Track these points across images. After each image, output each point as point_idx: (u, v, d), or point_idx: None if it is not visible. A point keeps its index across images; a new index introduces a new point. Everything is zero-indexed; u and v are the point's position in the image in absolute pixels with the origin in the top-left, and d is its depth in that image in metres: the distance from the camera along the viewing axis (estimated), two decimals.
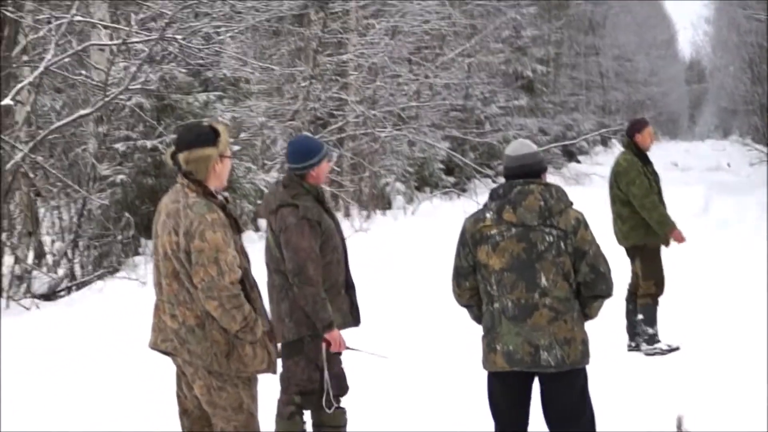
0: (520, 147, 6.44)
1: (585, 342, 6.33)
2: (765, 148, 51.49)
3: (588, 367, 6.37)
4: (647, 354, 10.65)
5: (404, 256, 17.01)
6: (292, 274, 6.73)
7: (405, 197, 25.07)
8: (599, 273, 6.29)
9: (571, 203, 6.35)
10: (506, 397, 6.41)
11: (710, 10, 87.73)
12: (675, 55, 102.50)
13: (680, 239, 10.82)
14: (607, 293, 6.39)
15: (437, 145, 26.08)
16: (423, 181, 27.15)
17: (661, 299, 10.87)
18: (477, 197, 23.61)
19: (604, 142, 52.03)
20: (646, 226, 10.73)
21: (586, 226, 6.31)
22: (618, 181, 10.82)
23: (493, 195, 6.36)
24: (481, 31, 29.41)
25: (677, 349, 10.71)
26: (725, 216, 24.14)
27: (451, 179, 28.21)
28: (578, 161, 41.63)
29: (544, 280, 6.20)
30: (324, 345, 6.81)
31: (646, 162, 10.97)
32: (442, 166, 27.75)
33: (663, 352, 10.68)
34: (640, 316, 10.78)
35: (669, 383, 9.26)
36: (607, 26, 54.74)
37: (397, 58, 23.91)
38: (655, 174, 11.02)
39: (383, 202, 24.18)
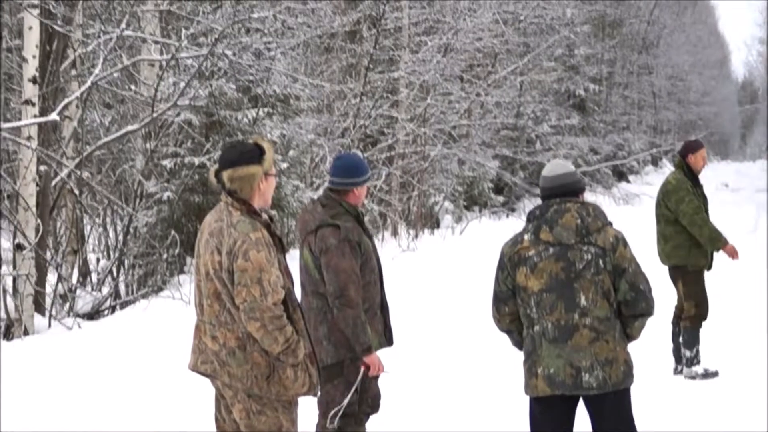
0: (556, 167, 6.41)
1: (627, 362, 6.22)
2: None
3: (633, 389, 6.27)
4: (686, 377, 10.50)
5: (451, 276, 16.82)
6: (333, 296, 6.63)
7: (453, 216, 24.88)
8: (639, 291, 6.19)
9: (610, 222, 6.27)
10: (549, 422, 6.29)
11: (764, 30, 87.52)
12: (728, 76, 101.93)
13: (734, 254, 10.70)
14: (648, 312, 6.26)
15: (487, 163, 25.89)
16: (472, 200, 26.95)
17: (705, 322, 10.66)
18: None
19: (655, 162, 51.68)
20: (689, 247, 10.61)
21: (625, 243, 6.25)
22: (666, 200, 10.73)
23: (530, 216, 6.33)
24: (533, 50, 29.14)
25: (715, 374, 10.54)
26: None
27: (501, 198, 28.03)
28: (628, 181, 41.34)
29: (583, 300, 6.12)
30: (363, 368, 6.70)
31: (696, 183, 10.86)
32: (491, 185, 27.53)
33: (700, 377, 10.51)
34: (681, 339, 10.67)
35: (713, 410, 9.08)
36: (661, 45, 54.28)
37: (449, 76, 23.72)
38: (704, 197, 10.90)
39: (431, 221, 23.97)
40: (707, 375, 10.58)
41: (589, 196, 33.98)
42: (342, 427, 6.85)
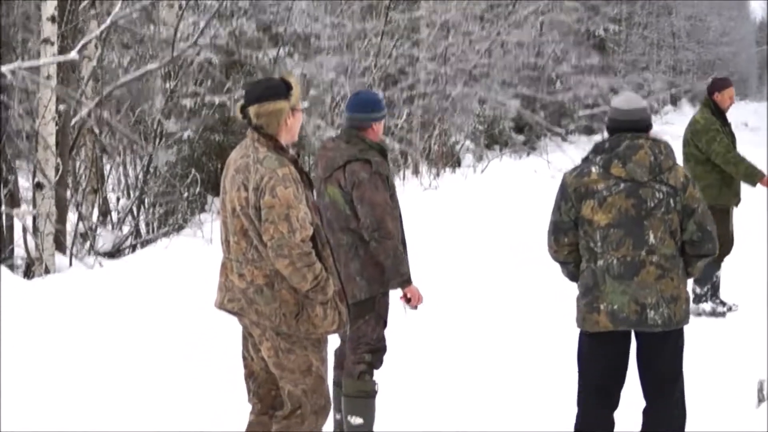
0: (630, 100, 6.32)
1: (688, 301, 6.22)
2: None
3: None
4: (693, 314, 10.40)
5: (473, 215, 16.83)
6: (371, 229, 6.66)
7: (474, 155, 24.77)
8: (707, 232, 6.17)
9: (676, 160, 6.20)
10: (604, 358, 6.23)
11: None
12: (746, 17, 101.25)
13: None
14: (713, 252, 6.26)
15: (508, 102, 25.69)
16: (492, 140, 26.81)
17: (727, 261, 10.81)
18: (547, 155, 23.31)
19: (674, 101, 51.41)
20: (719, 186, 10.63)
21: (695, 183, 6.23)
22: (696, 140, 10.71)
23: (598, 149, 6.23)
24: None
25: (723, 314, 10.76)
26: None
27: (521, 137, 27.88)
28: None
29: (652, 238, 6.06)
30: (402, 300, 6.76)
31: (725, 122, 10.85)
32: (512, 124, 27.39)
33: (707, 314, 10.73)
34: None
35: (752, 347, 9.06)
36: None
37: (470, 15, 23.51)
38: (732, 135, 10.90)
39: (452, 160, 23.84)
40: (715, 313, 10.79)
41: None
42: (374, 363, 6.89)
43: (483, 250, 13.63)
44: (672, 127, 36.67)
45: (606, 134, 6.38)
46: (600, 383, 6.25)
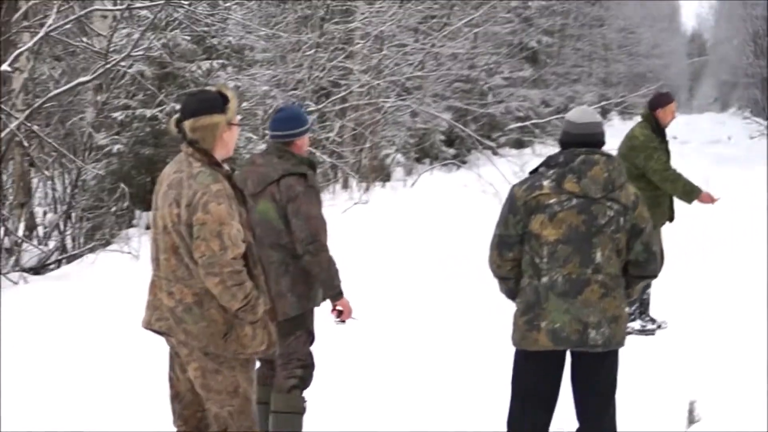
0: (585, 114, 6.22)
1: (626, 321, 6.16)
2: (765, 122, 51.53)
3: None
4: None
5: (403, 229, 16.81)
6: (306, 242, 6.63)
7: (404, 169, 24.79)
8: (652, 253, 6.13)
9: (626, 178, 6.14)
10: (540, 378, 6.14)
11: None
12: (677, 28, 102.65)
13: (711, 200, 10.72)
14: (656, 274, 6.27)
15: (440, 115, 25.70)
16: (423, 153, 26.86)
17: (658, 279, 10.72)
18: (478, 169, 23.37)
19: (604, 114, 51.78)
20: (649, 205, 10.24)
21: (644, 202, 6.13)
22: (632, 155, 10.50)
23: (551, 162, 6.09)
24: (489, 1, 28.94)
25: (653, 332, 10.72)
26: (726, 189, 24.13)
27: (452, 151, 27.93)
28: None
29: (599, 256, 5.97)
30: (334, 313, 6.77)
31: (662, 137, 10.72)
32: (443, 137, 27.41)
33: (636, 332, 10.57)
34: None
35: (683, 367, 9.09)
36: None
37: (405, 27, 23.48)
38: (668, 151, 10.77)
39: (383, 174, 23.83)
40: (644, 331, 10.71)
41: (540, 149, 34.26)
42: (305, 378, 6.89)
43: (413, 265, 13.64)
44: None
45: (535, 147, 6.24)
46: (536, 402, 6.17)
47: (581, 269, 5.95)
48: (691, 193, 10.59)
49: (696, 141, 43.28)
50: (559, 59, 40.79)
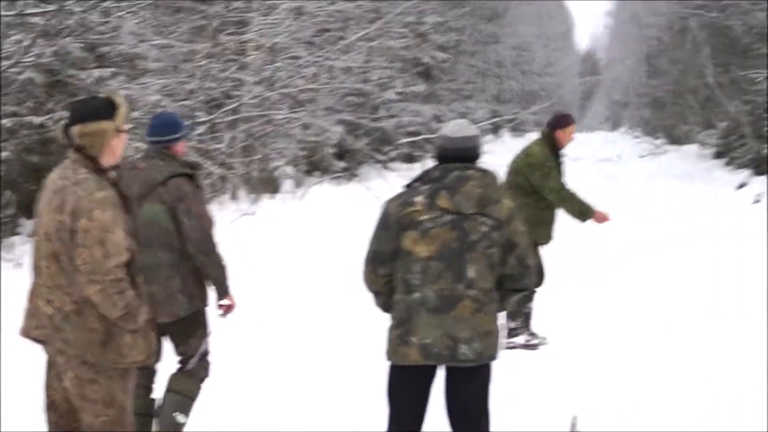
0: (460, 128, 6.17)
1: (499, 336, 6.13)
2: (655, 141, 52.53)
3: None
4: (506, 347, 10.38)
5: (291, 241, 16.86)
6: (198, 242, 6.77)
7: (294, 181, 24.85)
8: (526, 266, 6.11)
9: (501, 192, 6.12)
10: (411, 391, 6.13)
11: (611, 3, 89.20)
12: (571, 47, 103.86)
13: (605, 218, 10.78)
14: (531, 287, 6.30)
15: (332, 128, 25.82)
16: (313, 166, 26.91)
17: (539, 294, 10.79)
18: (368, 183, 23.54)
19: (495, 130, 52.29)
20: (535, 223, 10.41)
21: (519, 217, 6.09)
22: (528, 171, 10.59)
23: (425, 178, 6.08)
24: (384, 15, 29.11)
25: (536, 346, 10.69)
26: (616, 208, 24.62)
27: (342, 164, 28.01)
28: None
29: (471, 272, 5.94)
30: (223, 309, 7.01)
31: (558, 157, 10.79)
32: (334, 150, 27.51)
33: (521, 347, 10.63)
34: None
35: (565, 382, 9.19)
36: (508, 16, 54.96)
37: (299, 40, 23.56)
38: (562, 173, 10.87)
39: (272, 186, 23.87)
40: (528, 345, 10.70)
41: (431, 164, 34.33)
42: (203, 372, 7.14)
43: (301, 277, 13.72)
44: (493, 156, 37.48)
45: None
46: (408, 416, 6.15)
47: (453, 285, 5.93)
48: (586, 212, 10.66)
49: (587, 159, 43.91)
50: (453, 75, 41.04)
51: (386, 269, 6.10)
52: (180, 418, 7.03)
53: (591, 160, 42.68)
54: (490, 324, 6.01)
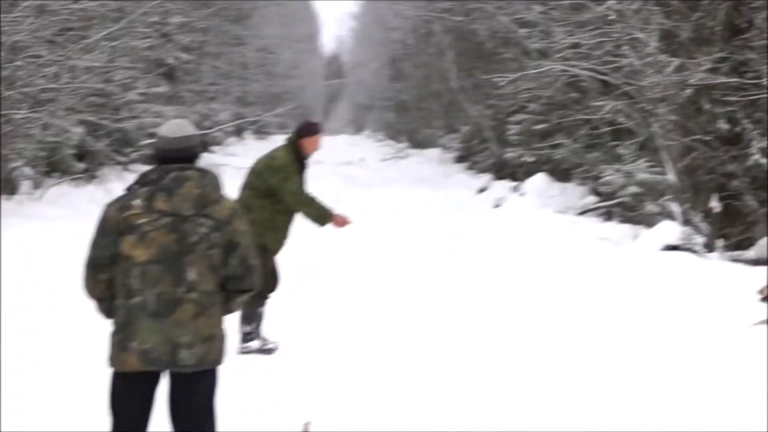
0: (177, 128, 6.15)
1: (224, 339, 6.13)
2: (398, 145, 53.58)
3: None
4: (240, 352, 10.60)
5: (30, 244, 16.58)
6: None
7: (32, 182, 24.43)
8: (249, 267, 6.13)
9: (224, 192, 6.15)
10: (132, 398, 6.04)
11: (357, 5, 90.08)
12: (316, 50, 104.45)
13: (345, 222, 10.93)
14: (255, 288, 6.23)
15: (73, 129, 25.47)
16: (53, 167, 26.47)
17: (272, 298, 10.92)
18: (108, 184, 23.40)
19: (238, 132, 52.33)
20: (266, 227, 10.63)
21: (240, 216, 6.14)
22: (269, 174, 10.67)
23: (143, 180, 6.03)
24: (128, 15, 28.83)
25: (271, 350, 10.78)
26: (356, 211, 25.22)
27: (82, 165, 27.63)
28: (212, 151, 41.68)
29: (192, 274, 5.92)
30: None
31: (303, 164, 10.88)
32: (74, 151, 27.12)
33: (255, 351, 10.71)
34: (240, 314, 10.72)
35: (298, 387, 9.26)
36: (255, 17, 54.98)
37: (40, 38, 23.17)
38: (305, 180, 10.97)
39: (10, 187, 23.42)
40: (263, 350, 10.78)
41: None
42: None
43: (43, 283, 13.61)
44: (235, 158, 37.62)
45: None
46: (131, 424, 6.05)
47: (174, 289, 5.89)
48: (324, 216, 10.81)
49: (329, 162, 44.50)
50: (197, 77, 40.87)
51: (106, 275, 6.00)
52: None
53: (333, 163, 43.29)
54: (214, 328, 6.02)
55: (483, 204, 28.64)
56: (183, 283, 5.92)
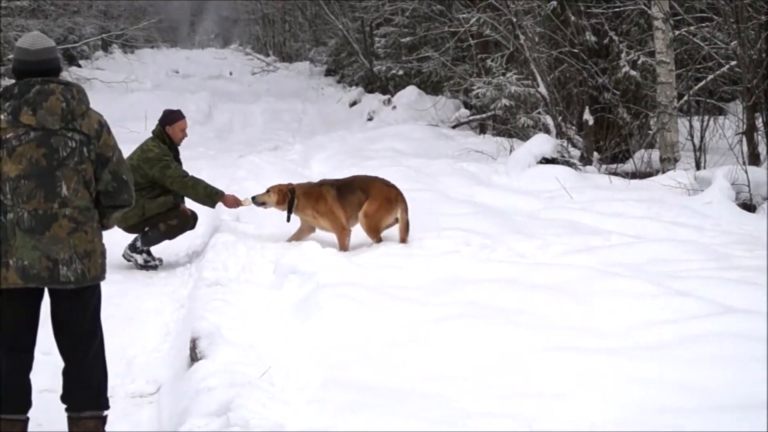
0: (38, 40, 6.03)
1: (104, 255, 6.12)
2: (266, 58, 53.12)
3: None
4: (124, 257, 11.16)
5: None
6: None
7: None
8: (122, 181, 6.11)
9: (89, 105, 6.07)
10: (16, 315, 5.98)
11: None
12: None
13: (236, 203, 11.10)
14: (129, 203, 6.20)
15: None
16: None
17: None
18: None
19: (105, 47, 51.31)
20: (142, 215, 10.96)
21: (109, 130, 6.08)
22: (147, 166, 10.85)
23: (6, 94, 5.92)
24: None
25: (155, 267, 11.19)
26: (227, 123, 25.12)
27: None
28: (79, 65, 40.79)
29: (65, 189, 5.87)
30: None
31: (177, 153, 11.13)
32: None
33: (138, 267, 11.16)
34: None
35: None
36: None
37: None
38: (180, 162, 11.21)
39: None
40: (146, 266, 11.16)
41: None
42: None
43: None
44: (102, 72, 36.90)
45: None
46: (13, 343, 6.00)
47: (47, 204, 5.85)
48: (213, 195, 10.96)
49: (199, 76, 43.99)
50: None
51: None
52: None
53: (202, 77, 42.83)
54: (91, 243, 6.01)
55: (356, 117, 28.62)
56: (56, 198, 5.86)
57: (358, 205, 10.87)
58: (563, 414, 5.77)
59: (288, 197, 10.97)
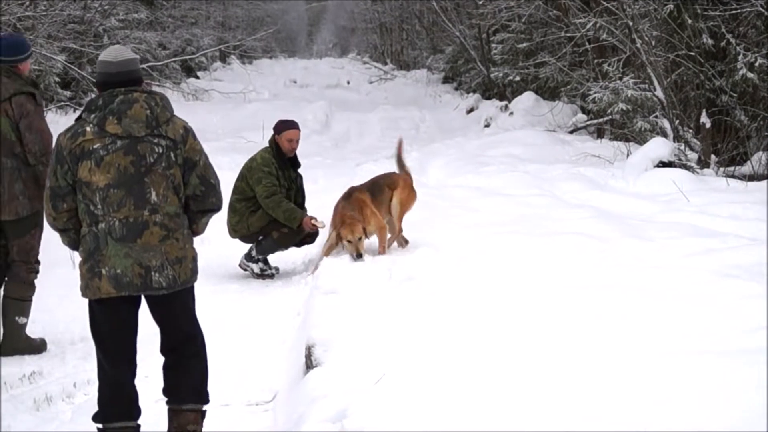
0: (119, 52, 6.14)
1: (195, 259, 6.19)
2: (384, 66, 53.23)
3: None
4: (240, 266, 11.47)
5: None
6: (39, 153, 7.87)
7: None
8: (210, 185, 6.18)
9: (173, 112, 6.16)
10: (112, 324, 6.07)
11: None
12: None
13: (314, 225, 11.02)
14: (218, 207, 6.29)
15: (54, 57, 25.22)
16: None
17: None
18: None
19: (223, 58, 51.93)
20: (247, 227, 11.14)
21: (194, 135, 6.16)
22: (248, 176, 11.04)
23: (91, 106, 6.00)
24: None
25: (272, 275, 11.38)
26: (345, 131, 25.18)
27: (68, 93, 27.39)
28: (197, 77, 41.38)
29: (154, 195, 5.95)
30: None
31: (283, 163, 11.12)
32: (58, 79, 26.87)
33: (253, 273, 11.37)
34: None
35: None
36: None
37: None
38: (290, 179, 11.22)
39: None
40: (261, 275, 11.38)
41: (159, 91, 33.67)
42: (32, 278, 8.39)
43: None
44: (220, 84, 37.34)
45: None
46: (114, 352, 6.09)
47: (137, 212, 5.91)
48: (293, 219, 10.95)
49: (316, 85, 44.23)
50: (176, 2, 40.26)
51: (67, 204, 6.02)
52: (21, 319, 8.24)
53: (320, 86, 43.01)
54: (182, 251, 6.08)
55: (473, 124, 28.53)
56: (146, 204, 5.95)
57: (388, 201, 11.04)
58: (684, 418, 5.66)
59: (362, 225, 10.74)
